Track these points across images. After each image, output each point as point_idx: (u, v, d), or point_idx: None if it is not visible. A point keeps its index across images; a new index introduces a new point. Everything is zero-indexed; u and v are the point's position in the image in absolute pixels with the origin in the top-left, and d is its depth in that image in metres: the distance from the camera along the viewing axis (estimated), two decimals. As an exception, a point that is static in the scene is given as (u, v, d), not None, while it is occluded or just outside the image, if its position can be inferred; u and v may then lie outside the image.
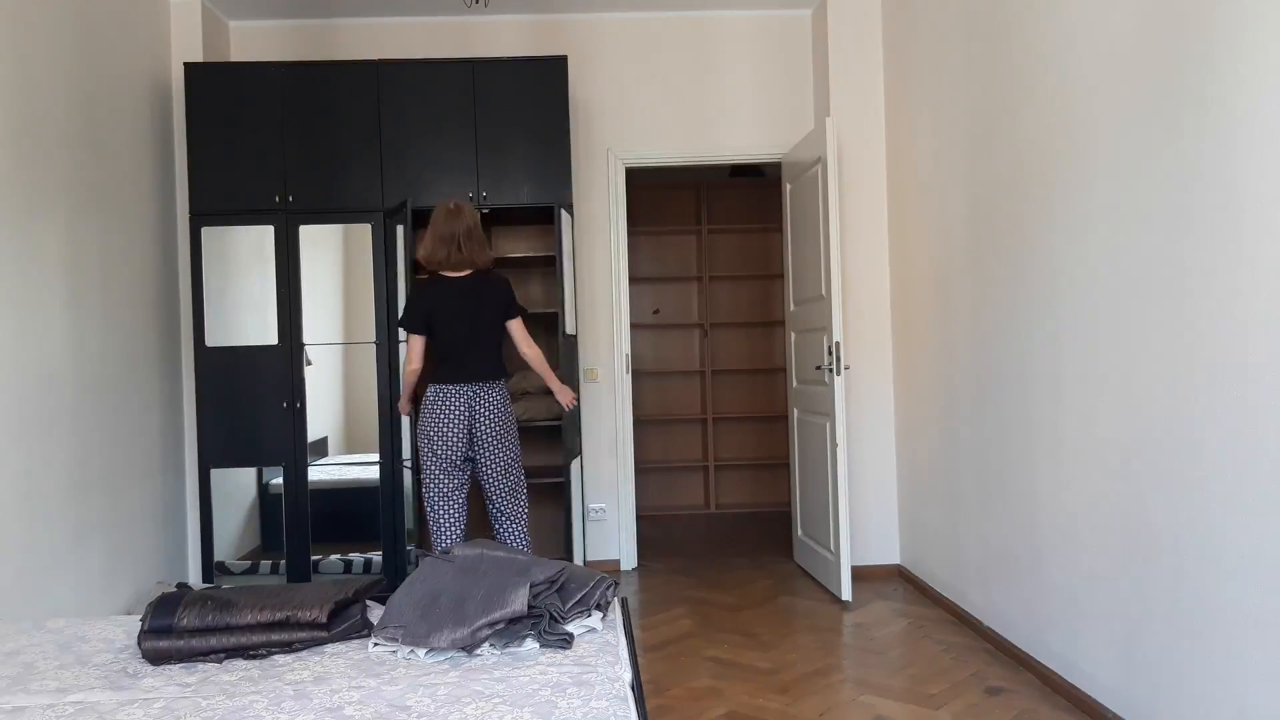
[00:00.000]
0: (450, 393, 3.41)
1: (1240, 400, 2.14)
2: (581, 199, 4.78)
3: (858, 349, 4.54)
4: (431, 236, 3.46)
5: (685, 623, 3.87)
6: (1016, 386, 3.24)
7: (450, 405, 3.41)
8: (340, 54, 4.72)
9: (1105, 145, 2.66)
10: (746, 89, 4.86)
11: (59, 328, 3.37)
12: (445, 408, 3.41)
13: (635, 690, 1.87)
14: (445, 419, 3.40)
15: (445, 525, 3.48)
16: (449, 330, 3.45)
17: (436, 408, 3.41)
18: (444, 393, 3.42)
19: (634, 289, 6.44)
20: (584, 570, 2.26)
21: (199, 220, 4.13)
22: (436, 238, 3.46)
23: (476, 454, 3.47)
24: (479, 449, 3.46)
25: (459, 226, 3.45)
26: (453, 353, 3.44)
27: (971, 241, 3.58)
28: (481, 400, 3.43)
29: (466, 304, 3.46)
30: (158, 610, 1.99)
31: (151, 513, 4.05)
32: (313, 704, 1.72)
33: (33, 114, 3.26)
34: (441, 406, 3.41)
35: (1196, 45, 2.26)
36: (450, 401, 3.41)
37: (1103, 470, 2.72)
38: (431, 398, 3.43)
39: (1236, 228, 2.14)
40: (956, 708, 2.91)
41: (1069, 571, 2.92)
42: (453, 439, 3.41)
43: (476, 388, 3.43)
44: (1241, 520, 2.15)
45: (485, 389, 3.45)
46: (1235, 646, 2.19)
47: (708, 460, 6.45)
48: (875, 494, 4.54)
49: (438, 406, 3.41)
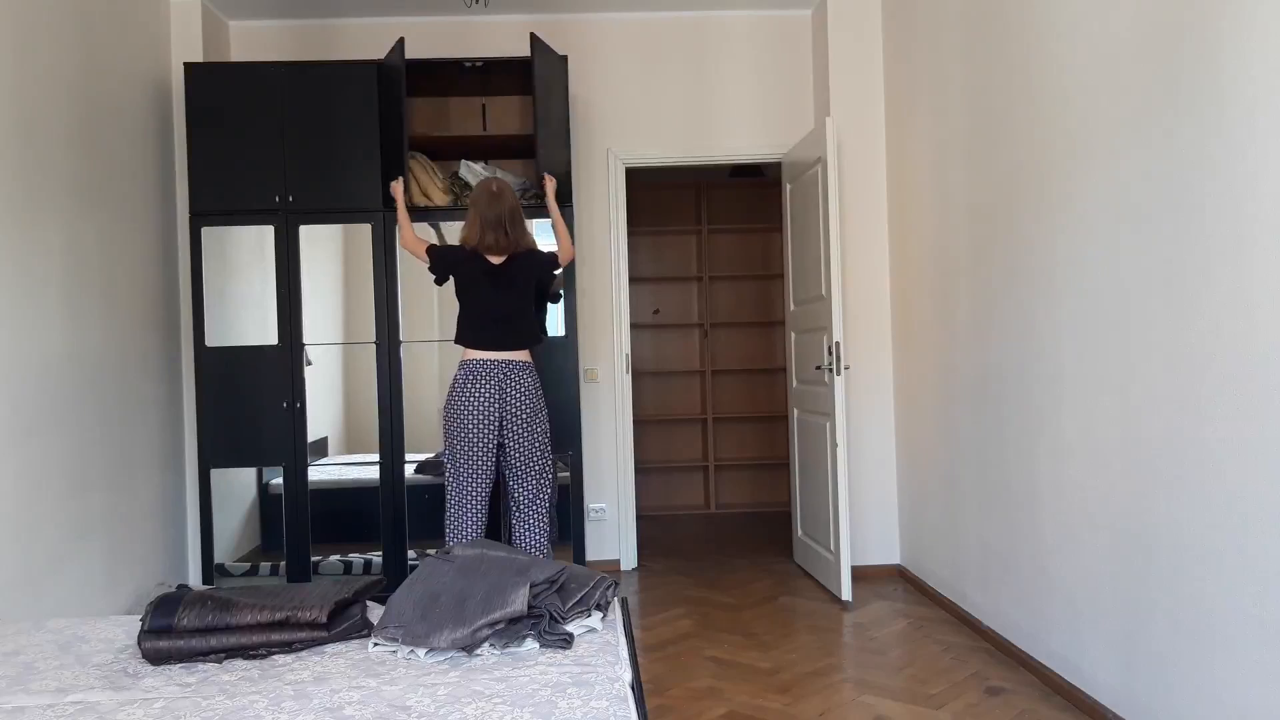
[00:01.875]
0: (482, 369, 3.39)
1: (1241, 400, 2.14)
2: (581, 199, 4.78)
3: (858, 349, 4.54)
4: (476, 220, 3.44)
5: (685, 623, 3.87)
6: (1016, 386, 3.24)
7: (482, 381, 3.38)
8: (340, 54, 4.72)
9: (1105, 144, 2.66)
10: (746, 89, 4.86)
11: (59, 327, 3.37)
12: (476, 383, 3.38)
13: (635, 690, 1.87)
14: (476, 394, 3.38)
15: (467, 514, 3.43)
16: (481, 303, 3.44)
17: (468, 383, 3.39)
18: (475, 369, 3.39)
19: (634, 289, 6.44)
20: (584, 570, 2.26)
21: (199, 220, 4.13)
22: (483, 222, 3.43)
23: (505, 436, 3.44)
24: (508, 430, 3.43)
25: (504, 209, 3.44)
26: (485, 325, 3.43)
27: (971, 241, 3.58)
28: (513, 380, 3.41)
29: (502, 283, 3.46)
30: (158, 610, 1.99)
31: (151, 513, 4.05)
32: (313, 704, 1.72)
33: (33, 114, 3.25)
34: (473, 382, 3.39)
35: (1196, 44, 2.26)
36: (482, 377, 3.39)
37: (1103, 470, 2.72)
38: (462, 374, 3.41)
39: (1237, 227, 2.14)
40: (956, 708, 2.91)
41: (1069, 571, 2.92)
42: (484, 415, 3.38)
43: (508, 366, 3.41)
44: (1242, 520, 2.15)
45: (517, 369, 3.43)
46: (1236, 646, 2.19)
47: (708, 460, 6.45)
48: (875, 494, 4.54)
49: (469, 382, 3.39)
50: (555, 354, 4.21)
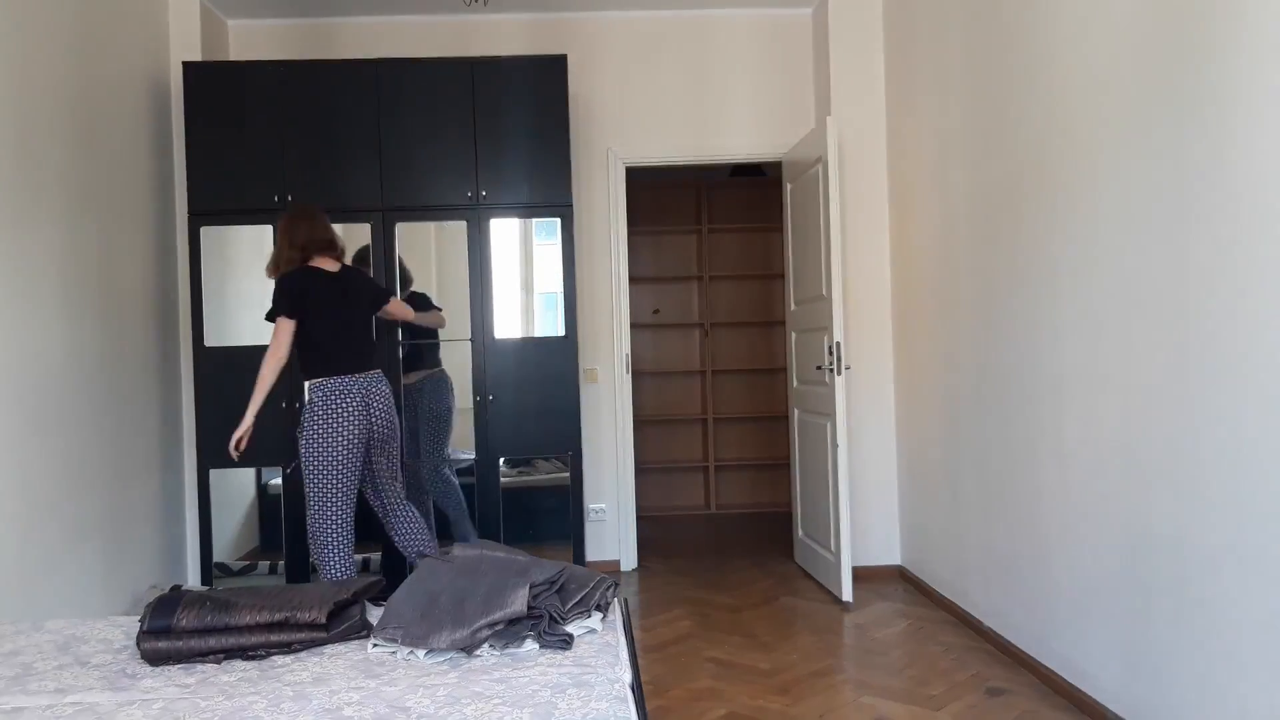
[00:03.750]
0: (346, 385, 3.31)
1: (1242, 399, 2.13)
2: (581, 199, 4.78)
3: (858, 349, 4.53)
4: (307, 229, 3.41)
5: (685, 623, 3.87)
6: (1017, 386, 3.23)
7: (349, 398, 3.31)
8: (340, 53, 4.71)
9: (1106, 144, 2.65)
10: (747, 88, 4.86)
11: (57, 328, 3.37)
12: (344, 401, 3.29)
13: (635, 691, 1.87)
14: (345, 412, 3.29)
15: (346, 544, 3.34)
16: (329, 320, 3.35)
17: (334, 401, 3.29)
18: (338, 386, 3.30)
19: (634, 289, 6.44)
20: (584, 571, 2.26)
21: (198, 220, 4.12)
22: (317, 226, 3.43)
23: (372, 452, 3.42)
24: (375, 446, 3.41)
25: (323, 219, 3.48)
26: (336, 343, 3.36)
27: (972, 241, 3.57)
28: (375, 392, 3.38)
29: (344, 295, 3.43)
30: (156, 611, 1.98)
31: (150, 513, 4.04)
32: (312, 705, 1.71)
33: (31, 113, 3.25)
34: (340, 400, 3.29)
35: (1198, 43, 2.25)
36: (349, 394, 3.31)
37: (1104, 470, 2.71)
38: (323, 394, 3.30)
39: (1238, 226, 2.13)
40: (957, 709, 2.90)
41: (1070, 572, 2.92)
42: (356, 434, 3.30)
43: (368, 379, 3.38)
44: (1243, 521, 2.14)
45: (376, 381, 3.41)
46: (1237, 647, 2.18)
47: (708, 460, 6.45)
48: (876, 494, 4.53)
49: (335, 400, 3.29)
50: (555, 354, 4.20)
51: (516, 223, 4.25)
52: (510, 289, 4.23)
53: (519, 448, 4.22)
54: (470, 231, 4.19)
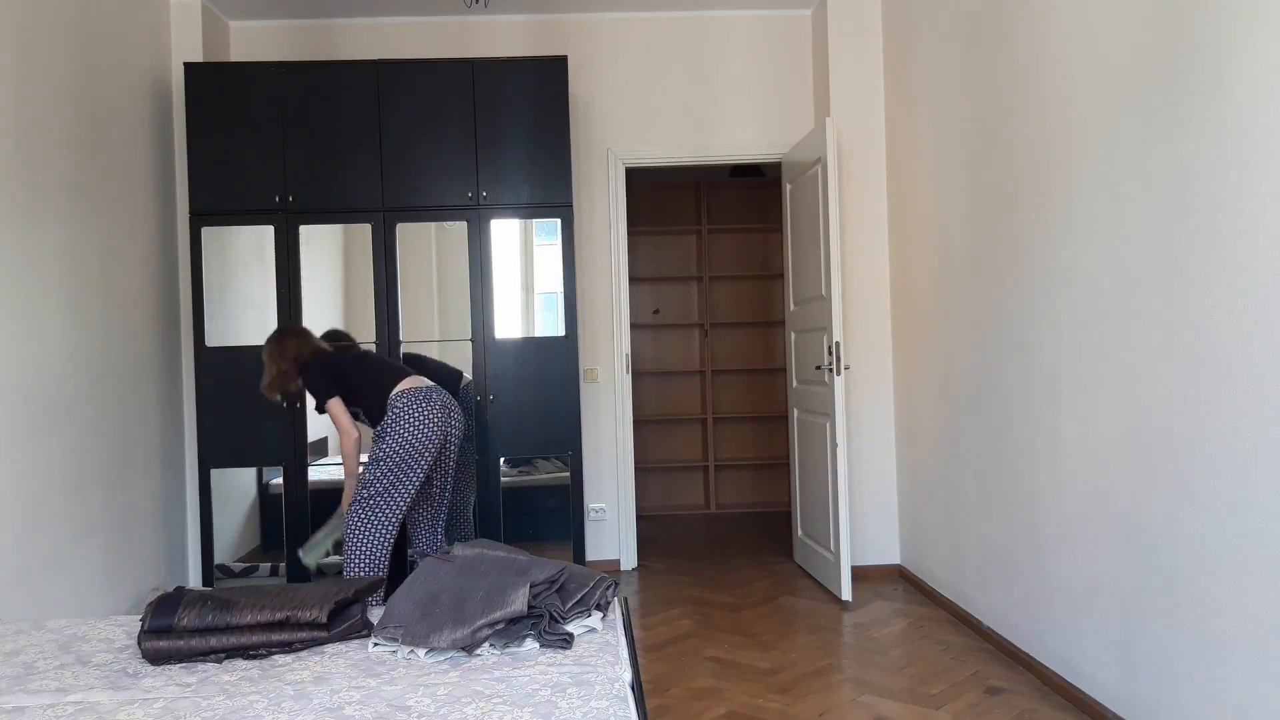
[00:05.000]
0: (429, 394, 3.38)
1: (1239, 400, 2.14)
2: (581, 199, 4.79)
3: (858, 349, 4.54)
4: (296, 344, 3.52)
5: (685, 623, 3.87)
6: (1016, 386, 3.24)
7: (432, 405, 3.37)
8: (340, 54, 4.72)
9: (1104, 145, 2.66)
10: (746, 89, 4.86)
11: (59, 328, 3.37)
12: (428, 407, 3.35)
13: (635, 690, 1.87)
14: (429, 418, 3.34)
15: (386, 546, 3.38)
16: (367, 370, 3.48)
17: (419, 407, 3.34)
18: (422, 393, 3.37)
19: (634, 289, 6.45)
20: (584, 570, 2.26)
21: (199, 220, 4.13)
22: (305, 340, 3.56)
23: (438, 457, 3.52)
24: (447, 451, 3.54)
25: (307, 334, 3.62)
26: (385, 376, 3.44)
27: (971, 241, 3.58)
28: (451, 404, 3.48)
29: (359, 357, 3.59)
30: (158, 610, 1.99)
31: (151, 512, 4.05)
32: (313, 704, 1.72)
33: (33, 114, 3.26)
34: (424, 406, 3.34)
35: (1195, 45, 2.26)
36: (431, 402, 3.37)
37: (1102, 470, 2.72)
38: (406, 400, 3.34)
39: (1236, 227, 2.14)
40: (956, 708, 2.91)
41: (1069, 571, 2.92)
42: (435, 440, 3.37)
43: (443, 391, 3.48)
44: (1240, 520, 2.15)
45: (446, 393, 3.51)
46: (1235, 646, 2.19)
47: (708, 460, 6.45)
48: (875, 494, 4.54)
49: (421, 406, 3.34)
50: (555, 354, 4.21)
51: (517, 223, 4.25)
52: (510, 289, 4.24)
53: (519, 447, 4.23)
54: (471, 232, 4.20)
